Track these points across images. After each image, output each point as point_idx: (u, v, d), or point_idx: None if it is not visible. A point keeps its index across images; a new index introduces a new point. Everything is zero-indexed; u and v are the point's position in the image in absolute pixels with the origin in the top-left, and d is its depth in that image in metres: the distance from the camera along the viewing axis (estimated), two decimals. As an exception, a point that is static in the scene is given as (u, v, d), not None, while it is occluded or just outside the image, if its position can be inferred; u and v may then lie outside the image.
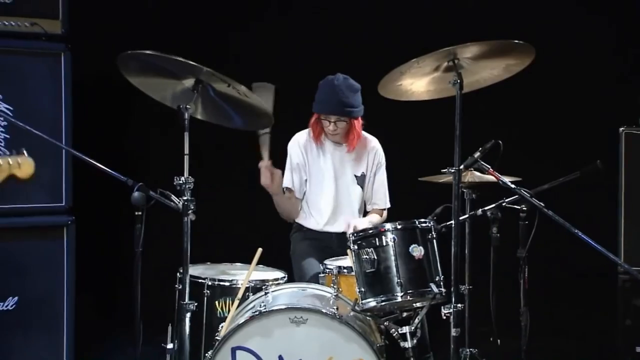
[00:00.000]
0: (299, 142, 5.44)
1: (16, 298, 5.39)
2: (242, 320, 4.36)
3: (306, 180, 5.45)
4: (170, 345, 4.85)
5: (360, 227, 4.92)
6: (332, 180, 5.44)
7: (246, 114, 4.83)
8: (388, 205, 5.52)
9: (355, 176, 5.46)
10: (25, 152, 3.73)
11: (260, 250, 4.77)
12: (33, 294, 5.41)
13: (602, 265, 5.20)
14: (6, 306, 5.36)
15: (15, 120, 4.42)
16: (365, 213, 5.59)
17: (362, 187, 5.46)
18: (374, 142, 5.46)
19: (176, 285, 4.78)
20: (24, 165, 3.69)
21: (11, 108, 4.84)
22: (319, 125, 5.34)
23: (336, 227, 5.44)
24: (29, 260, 5.40)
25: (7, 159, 3.65)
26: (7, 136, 5.08)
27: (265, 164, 5.20)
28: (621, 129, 5.75)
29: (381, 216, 5.53)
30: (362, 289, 4.50)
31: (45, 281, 5.44)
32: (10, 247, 5.35)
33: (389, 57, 4.59)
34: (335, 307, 4.37)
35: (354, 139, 5.35)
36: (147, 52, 4.44)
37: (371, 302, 4.48)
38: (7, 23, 5.29)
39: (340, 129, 5.29)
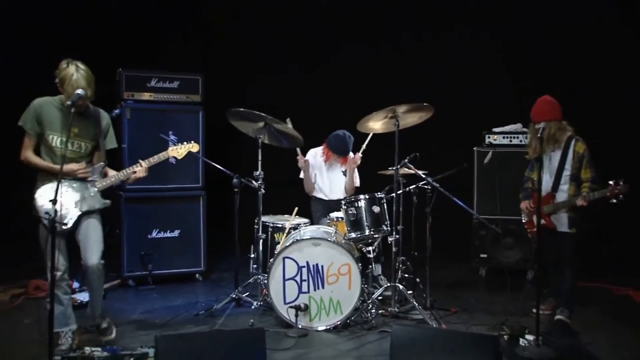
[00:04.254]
0: (312, 154, 5.18)
1: (178, 230, 5.25)
2: (288, 243, 4.22)
3: (315, 174, 5.14)
4: (252, 255, 4.67)
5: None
6: (330, 175, 5.16)
7: (288, 139, 4.68)
8: (358, 184, 5.19)
9: (342, 171, 5.15)
10: (192, 141, 4.05)
11: (296, 208, 4.65)
12: (186, 229, 5.27)
13: (465, 215, 5.12)
14: (174, 234, 5.21)
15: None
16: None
17: (345, 176, 5.13)
18: (351, 154, 5.15)
19: (255, 226, 4.58)
20: (194, 146, 4.01)
21: (176, 138, 4.60)
22: (329, 152, 5.05)
23: (333, 197, 5.15)
24: (184, 212, 5.27)
25: (186, 144, 3.98)
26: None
27: (300, 156, 5.02)
28: (474, 148, 5.56)
29: (353, 189, 5.19)
30: (348, 228, 4.39)
31: (191, 223, 5.28)
32: (176, 206, 5.24)
33: (361, 111, 4.42)
34: (335, 238, 4.25)
35: (347, 159, 5.07)
36: (241, 109, 4.36)
37: (352, 235, 4.37)
38: (175, 97, 5.21)
39: (344, 158, 5.07)
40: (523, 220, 4.41)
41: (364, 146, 4.96)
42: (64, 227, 3.45)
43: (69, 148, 3.51)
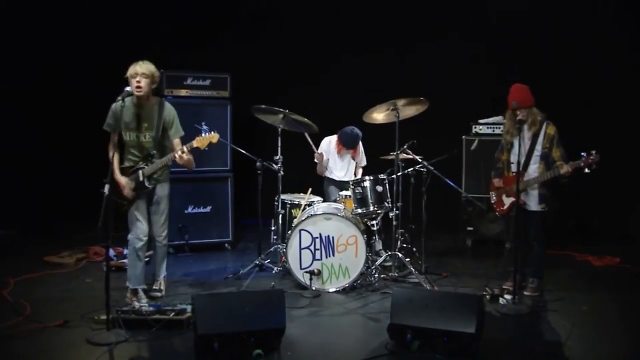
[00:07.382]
0: (326, 142, 5.03)
1: (210, 206, 5.23)
2: (303, 218, 4.20)
3: (328, 159, 5.01)
4: (273, 228, 4.63)
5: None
6: (342, 160, 5.02)
7: (303, 126, 4.59)
8: (364, 163, 5.09)
9: (351, 158, 5.04)
10: (214, 131, 3.79)
11: (310, 188, 4.60)
12: (216, 204, 5.25)
13: (455, 194, 5.01)
14: (206, 209, 5.21)
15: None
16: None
17: (354, 160, 5.05)
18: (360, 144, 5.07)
19: (275, 203, 4.58)
20: (214, 137, 3.71)
21: (208, 128, 4.58)
22: (340, 146, 4.88)
23: (343, 178, 5.02)
24: (215, 191, 5.24)
25: (208, 135, 3.71)
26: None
27: (316, 153, 4.88)
28: (463, 136, 5.52)
29: (361, 170, 5.09)
30: (355, 205, 4.33)
31: (221, 200, 5.26)
32: (208, 185, 5.22)
33: (366, 104, 4.36)
34: (343, 213, 4.22)
35: (356, 150, 4.92)
36: (262, 106, 4.35)
37: (359, 211, 4.32)
38: (207, 93, 5.18)
39: (354, 150, 4.92)
40: (492, 201, 4.19)
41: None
42: (125, 205, 3.72)
43: (142, 139, 3.68)
